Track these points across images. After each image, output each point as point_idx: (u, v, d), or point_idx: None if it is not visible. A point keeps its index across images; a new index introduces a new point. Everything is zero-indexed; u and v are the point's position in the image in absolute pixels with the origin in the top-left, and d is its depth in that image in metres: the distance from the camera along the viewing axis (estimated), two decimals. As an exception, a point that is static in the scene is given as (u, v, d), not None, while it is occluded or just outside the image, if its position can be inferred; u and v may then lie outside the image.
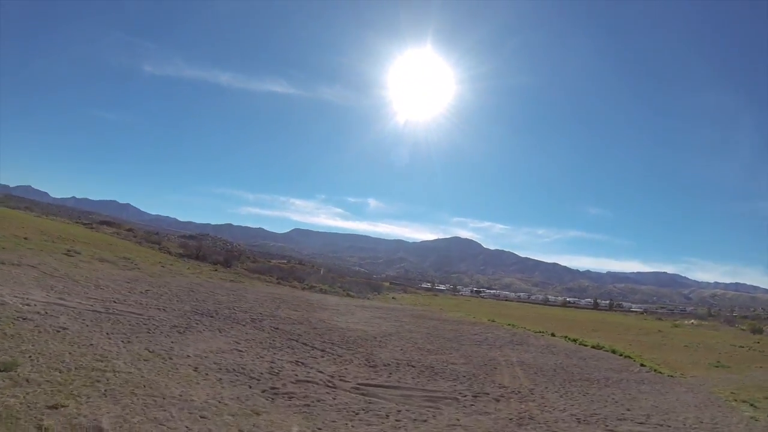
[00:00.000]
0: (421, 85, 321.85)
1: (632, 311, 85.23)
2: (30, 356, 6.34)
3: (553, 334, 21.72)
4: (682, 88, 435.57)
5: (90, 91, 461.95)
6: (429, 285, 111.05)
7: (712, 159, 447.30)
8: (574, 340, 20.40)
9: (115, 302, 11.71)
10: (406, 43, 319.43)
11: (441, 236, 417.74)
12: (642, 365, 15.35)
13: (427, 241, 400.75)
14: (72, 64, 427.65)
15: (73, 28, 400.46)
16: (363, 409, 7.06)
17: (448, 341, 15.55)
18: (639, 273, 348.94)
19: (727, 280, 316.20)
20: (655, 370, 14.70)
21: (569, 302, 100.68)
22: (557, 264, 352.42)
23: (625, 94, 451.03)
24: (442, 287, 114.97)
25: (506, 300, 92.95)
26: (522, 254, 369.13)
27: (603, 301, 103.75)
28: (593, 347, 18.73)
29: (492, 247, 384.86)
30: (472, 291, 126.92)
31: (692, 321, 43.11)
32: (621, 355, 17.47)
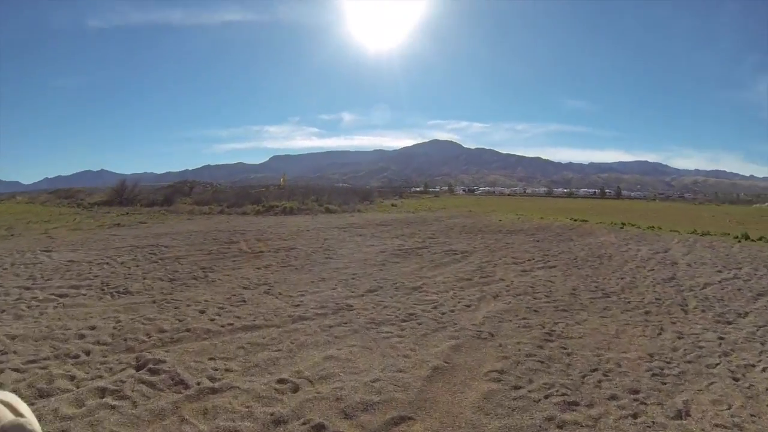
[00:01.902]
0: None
1: (637, 198, 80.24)
2: None
3: (708, 233, 13.24)
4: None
5: (34, 58, 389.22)
6: (421, 189, 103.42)
7: (694, 48, 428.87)
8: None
9: None
10: None
11: (420, 141, 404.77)
12: None
13: (407, 147, 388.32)
14: (7, 33, 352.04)
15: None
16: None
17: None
18: (621, 162, 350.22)
19: (708, 168, 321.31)
20: None
21: (572, 193, 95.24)
22: (539, 158, 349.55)
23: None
24: (435, 189, 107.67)
25: (510, 195, 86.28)
26: (503, 151, 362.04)
27: (608, 190, 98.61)
28: None
29: (472, 147, 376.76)
30: (465, 190, 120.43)
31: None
32: None
